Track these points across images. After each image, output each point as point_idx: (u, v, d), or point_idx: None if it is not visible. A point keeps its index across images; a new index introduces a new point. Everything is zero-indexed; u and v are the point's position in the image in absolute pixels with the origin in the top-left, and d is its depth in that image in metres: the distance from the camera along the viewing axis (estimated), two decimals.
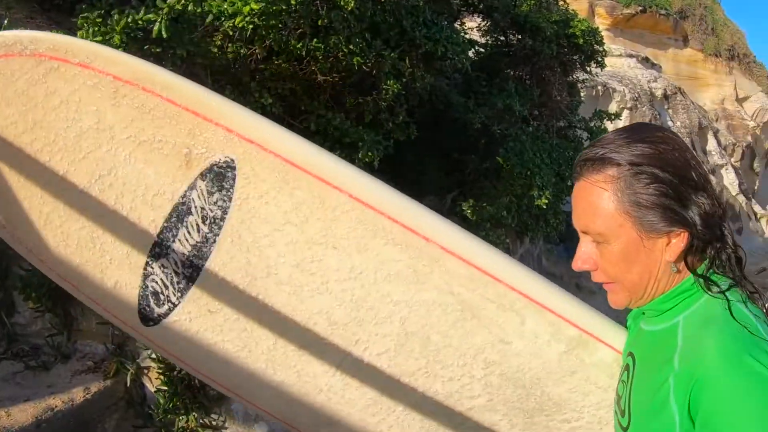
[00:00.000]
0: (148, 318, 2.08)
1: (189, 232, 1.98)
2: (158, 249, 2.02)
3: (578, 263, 1.53)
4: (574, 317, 1.80)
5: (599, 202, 1.45)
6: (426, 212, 1.87)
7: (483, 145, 6.75)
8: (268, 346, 1.97)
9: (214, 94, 1.97)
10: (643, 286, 1.48)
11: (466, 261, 1.81)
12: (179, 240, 1.99)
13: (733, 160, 20.33)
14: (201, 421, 3.91)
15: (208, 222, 1.95)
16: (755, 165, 21.97)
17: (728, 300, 1.37)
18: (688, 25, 21.53)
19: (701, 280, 1.43)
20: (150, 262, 2.04)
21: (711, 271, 1.45)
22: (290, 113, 4.58)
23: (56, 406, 3.83)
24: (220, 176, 1.92)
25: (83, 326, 4.25)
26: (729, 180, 19.14)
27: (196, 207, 1.96)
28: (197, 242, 1.98)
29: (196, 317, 2.02)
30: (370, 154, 4.49)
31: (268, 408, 2.11)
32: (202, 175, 1.94)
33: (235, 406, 4.03)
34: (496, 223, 6.49)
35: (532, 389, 1.85)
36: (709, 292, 1.41)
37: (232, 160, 1.91)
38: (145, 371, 4.10)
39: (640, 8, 19.67)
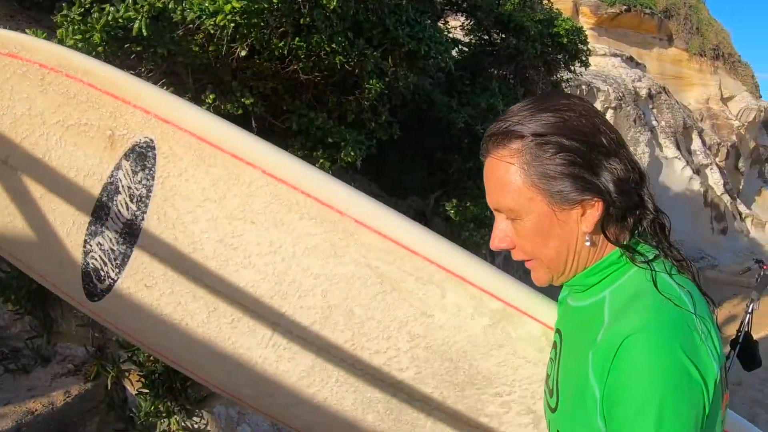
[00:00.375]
0: (92, 294, 2.16)
1: (119, 211, 2.05)
2: (94, 227, 2.10)
3: (495, 242, 1.50)
4: (496, 290, 1.80)
5: (507, 177, 1.40)
6: (340, 186, 1.90)
7: (466, 144, 6.73)
8: (203, 319, 2.02)
9: (132, 77, 2.08)
10: (562, 260, 1.44)
11: (382, 234, 1.83)
12: (111, 218, 2.07)
13: (717, 159, 20.38)
14: (183, 424, 3.88)
15: (135, 200, 2.02)
16: (740, 165, 22.04)
17: (654, 271, 1.34)
18: (672, 25, 21.59)
19: (625, 251, 1.39)
20: (88, 240, 2.12)
21: (635, 240, 1.41)
22: (272, 113, 4.56)
23: (36, 410, 3.79)
24: (142, 156, 2.00)
25: (63, 329, 4.21)
26: (714, 180, 19.19)
27: (123, 186, 2.03)
28: (128, 220, 2.04)
29: (135, 292, 2.08)
30: (352, 153, 4.47)
31: (213, 380, 2.16)
32: (126, 156, 2.02)
33: (217, 409, 4.00)
34: (480, 223, 6.48)
35: (460, 362, 1.86)
36: (635, 264, 1.38)
37: (152, 140, 1.98)
38: (126, 374, 4.07)
39: (625, 7, 19.70)
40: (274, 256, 1.91)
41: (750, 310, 7.50)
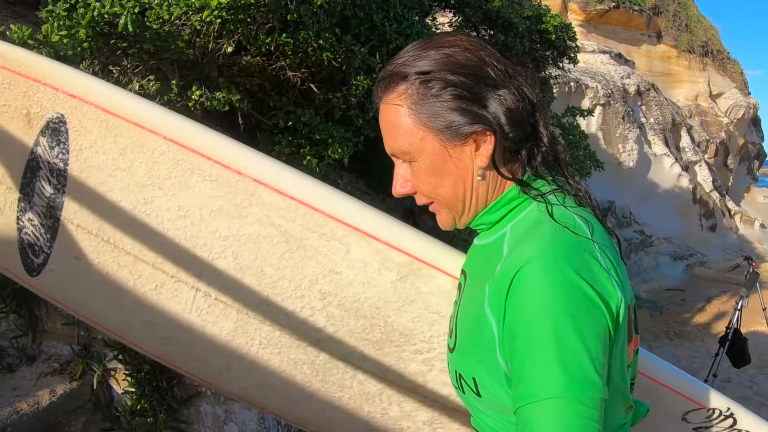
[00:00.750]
0: (31, 269, 2.22)
1: (43, 186, 2.11)
2: (23, 204, 2.17)
3: (397, 188, 1.49)
4: (402, 244, 1.81)
5: (397, 119, 1.40)
6: (238, 147, 1.92)
7: None
8: (129, 287, 2.05)
9: (40, 57, 2.16)
10: (460, 199, 1.43)
11: (281, 192, 1.85)
12: (37, 194, 2.13)
13: (706, 156, 20.46)
14: (169, 423, 3.86)
15: (55, 174, 2.08)
16: (729, 161, 22.13)
17: (548, 203, 1.33)
18: (661, 21, 21.63)
19: (520, 186, 1.39)
20: (20, 217, 2.19)
21: (529, 175, 1.41)
22: (259, 109, 4.54)
23: (22, 410, 3.76)
24: (56, 131, 2.06)
25: (48, 327, 4.18)
26: (703, 177, 19.25)
27: (43, 161, 2.10)
28: (51, 194, 2.10)
29: (66, 264, 2.14)
30: (340, 150, 4.43)
31: (150, 349, 2.21)
32: (42, 132, 2.09)
33: (204, 408, 3.97)
34: None
35: (374, 319, 1.87)
36: (530, 197, 1.38)
37: (62, 115, 2.04)
38: (112, 373, 4.04)
39: (614, 4, 19.72)
40: (184, 220, 1.95)
41: (739, 307, 7.53)
